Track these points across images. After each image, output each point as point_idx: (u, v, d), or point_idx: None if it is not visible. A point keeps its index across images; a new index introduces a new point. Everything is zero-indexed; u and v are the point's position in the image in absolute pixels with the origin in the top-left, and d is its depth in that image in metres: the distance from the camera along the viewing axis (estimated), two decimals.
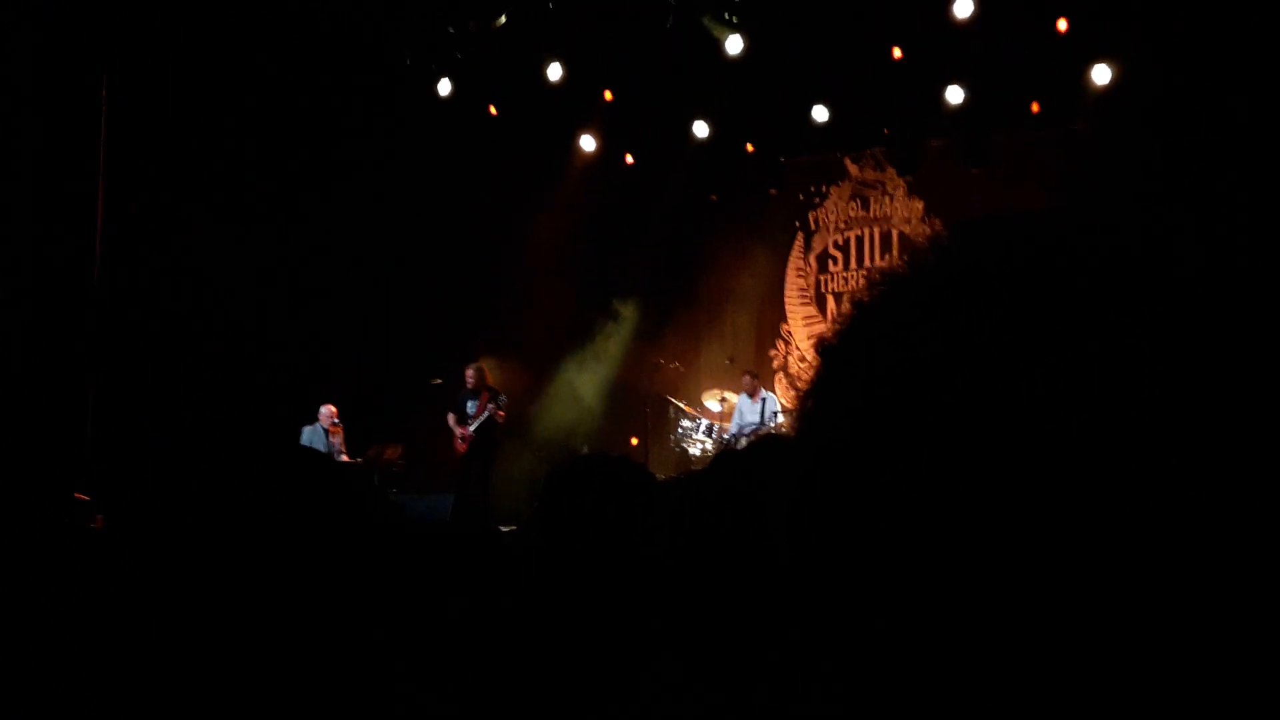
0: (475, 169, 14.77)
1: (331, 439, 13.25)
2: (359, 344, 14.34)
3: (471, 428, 13.61)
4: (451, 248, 14.86)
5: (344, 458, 13.14)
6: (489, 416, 13.60)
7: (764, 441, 1.56)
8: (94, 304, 11.81)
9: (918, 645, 0.60)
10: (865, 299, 0.67)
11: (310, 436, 13.07)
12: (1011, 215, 0.67)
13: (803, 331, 16.15)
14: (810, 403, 0.67)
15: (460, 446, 13.65)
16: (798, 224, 16.47)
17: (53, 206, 11.45)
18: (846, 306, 0.70)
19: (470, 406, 13.72)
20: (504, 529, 5.75)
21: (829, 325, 0.98)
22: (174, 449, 11.04)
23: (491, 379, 14.00)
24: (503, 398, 13.71)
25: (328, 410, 13.38)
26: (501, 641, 2.32)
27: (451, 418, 13.79)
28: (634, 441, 14.72)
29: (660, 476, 2.90)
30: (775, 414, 13.79)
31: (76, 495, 5.87)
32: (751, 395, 14.13)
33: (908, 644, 0.61)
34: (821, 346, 0.68)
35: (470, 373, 13.81)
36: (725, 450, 1.61)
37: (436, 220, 14.69)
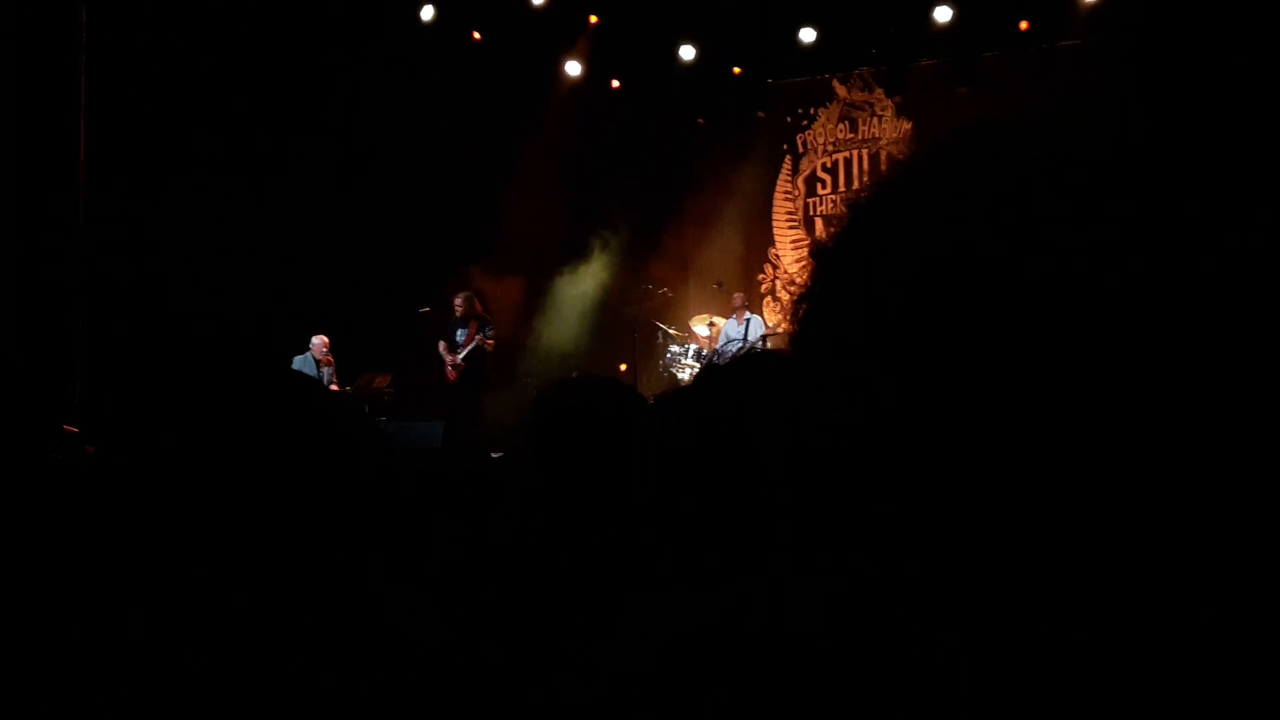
0: (460, 95, 14.63)
1: (322, 369, 13.25)
2: (347, 273, 14.25)
3: (461, 355, 13.59)
4: (438, 176, 14.75)
5: (334, 387, 13.13)
6: (478, 345, 13.57)
7: (748, 357, 1.55)
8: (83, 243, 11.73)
9: (915, 560, 0.60)
10: (859, 202, 0.66)
11: (301, 365, 13.06)
12: (1002, 119, 0.66)
13: (791, 255, 16.11)
14: (804, 307, 0.66)
15: (451, 375, 13.64)
16: (785, 147, 16.38)
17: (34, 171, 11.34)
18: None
19: (460, 335, 13.69)
20: (493, 455, 5.75)
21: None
22: (165, 378, 10.99)
23: (481, 307, 13.96)
24: (491, 328, 13.67)
25: (320, 340, 13.37)
26: (495, 566, 2.33)
27: (442, 345, 13.75)
28: (623, 367, 14.72)
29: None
30: (763, 337, 13.78)
31: (65, 428, 5.86)
32: (738, 317, 14.15)
33: (905, 558, 0.60)
34: (816, 250, 0.67)
35: (459, 301, 13.74)
36: (709, 366, 1.61)
37: (422, 148, 14.56)
